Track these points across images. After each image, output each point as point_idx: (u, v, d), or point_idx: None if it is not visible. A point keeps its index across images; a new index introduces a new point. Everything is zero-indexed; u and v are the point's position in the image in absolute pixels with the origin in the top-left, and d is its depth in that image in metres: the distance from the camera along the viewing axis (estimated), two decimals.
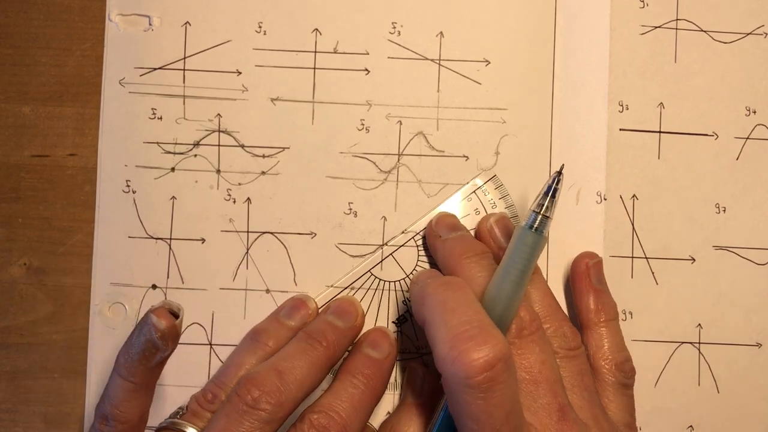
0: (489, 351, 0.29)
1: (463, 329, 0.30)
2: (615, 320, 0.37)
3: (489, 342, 0.29)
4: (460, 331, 0.30)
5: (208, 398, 0.34)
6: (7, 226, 0.39)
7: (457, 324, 0.30)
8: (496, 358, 0.29)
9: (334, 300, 0.38)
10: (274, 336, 0.36)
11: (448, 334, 0.30)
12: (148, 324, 0.32)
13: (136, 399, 0.33)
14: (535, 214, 0.34)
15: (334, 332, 0.35)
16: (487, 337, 0.29)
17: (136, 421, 0.34)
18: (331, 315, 0.37)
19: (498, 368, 0.29)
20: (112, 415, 0.33)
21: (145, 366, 0.33)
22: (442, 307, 0.31)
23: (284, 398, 0.33)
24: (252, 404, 0.32)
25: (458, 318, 0.30)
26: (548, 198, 0.34)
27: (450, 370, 0.29)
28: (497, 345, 0.29)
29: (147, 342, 0.32)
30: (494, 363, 0.29)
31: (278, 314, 0.38)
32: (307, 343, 0.35)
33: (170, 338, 0.32)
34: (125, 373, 0.33)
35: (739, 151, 0.40)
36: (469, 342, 0.29)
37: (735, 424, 0.39)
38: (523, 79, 0.39)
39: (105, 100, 0.39)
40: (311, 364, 0.34)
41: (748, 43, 0.40)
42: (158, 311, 0.32)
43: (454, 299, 0.32)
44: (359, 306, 0.38)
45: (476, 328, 0.30)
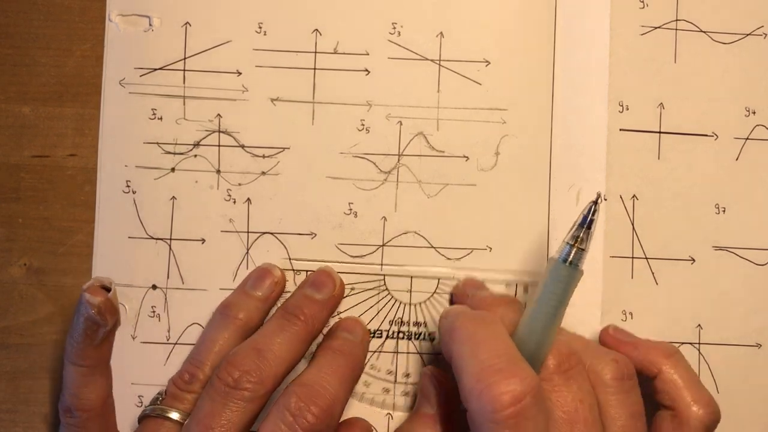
0: (517, 385, 0.28)
1: (492, 362, 0.29)
2: (678, 354, 0.36)
3: (517, 375, 0.28)
4: (488, 365, 0.29)
5: (185, 379, 0.35)
6: (7, 226, 0.39)
7: (486, 357, 0.29)
8: (524, 392, 0.28)
9: (311, 273, 0.38)
10: (244, 308, 0.36)
11: (476, 367, 0.29)
12: (83, 303, 0.33)
13: (92, 383, 0.34)
14: (569, 246, 0.32)
15: (311, 305, 0.36)
16: (515, 370, 0.28)
17: (98, 407, 0.34)
18: (308, 288, 0.37)
19: (526, 403, 0.28)
20: (72, 405, 0.34)
21: (90, 345, 0.34)
22: (470, 340, 0.30)
23: (264, 375, 0.33)
24: (233, 385, 0.32)
25: (487, 351, 0.29)
26: (583, 229, 0.32)
27: (476, 405, 0.28)
28: (526, 378, 0.28)
29: (86, 321, 0.33)
30: (522, 397, 0.28)
31: (244, 286, 0.38)
32: (285, 319, 0.35)
33: (107, 312, 0.33)
34: (74, 358, 0.34)
35: (739, 152, 0.40)
36: (497, 375, 0.28)
37: (735, 425, 0.39)
38: (523, 79, 0.39)
39: (105, 101, 0.39)
40: (290, 339, 0.34)
41: (748, 44, 0.40)
42: (90, 288, 0.33)
43: (484, 333, 0.31)
44: (336, 276, 0.38)
45: (505, 361, 0.29)
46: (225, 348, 0.35)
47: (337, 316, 0.38)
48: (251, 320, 0.36)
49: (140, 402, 0.38)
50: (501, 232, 0.39)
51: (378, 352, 0.39)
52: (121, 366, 0.38)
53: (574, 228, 0.32)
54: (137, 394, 0.38)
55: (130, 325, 0.38)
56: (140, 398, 0.38)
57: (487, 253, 0.39)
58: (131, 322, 0.38)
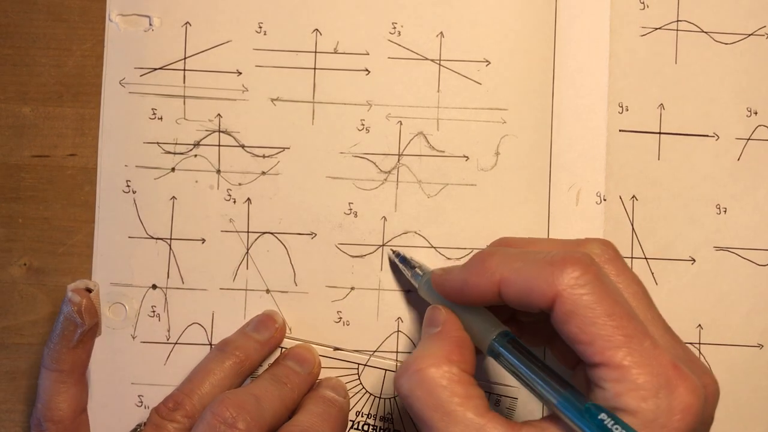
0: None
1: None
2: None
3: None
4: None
5: (169, 406, 0.34)
6: (7, 226, 0.39)
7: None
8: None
9: (294, 347, 0.38)
10: (242, 347, 0.37)
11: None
12: (65, 302, 0.33)
13: (65, 392, 0.34)
14: (414, 270, 0.37)
15: (296, 377, 0.36)
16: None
17: (69, 419, 0.34)
18: (291, 361, 0.37)
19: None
20: (43, 416, 0.34)
21: (66, 347, 0.34)
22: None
23: (262, 421, 0.33)
24: (231, 422, 0.32)
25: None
26: (409, 268, 0.37)
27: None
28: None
29: (65, 321, 0.34)
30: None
31: (245, 328, 0.38)
32: (277, 381, 0.36)
33: (86, 312, 0.33)
34: (49, 361, 0.34)
35: (740, 152, 0.40)
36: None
37: (735, 425, 0.39)
38: (523, 79, 0.39)
39: (105, 101, 0.39)
40: (282, 398, 0.35)
41: (749, 44, 0.40)
42: (75, 289, 0.34)
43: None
44: (317, 354, 0.38)
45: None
46: (218, 380, 0.35)
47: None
48: (248, 359, 0.37)
49: (140, 402, 0.38)
50: (501, 232, 0.39)
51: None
52: (121, 366, 0.38)
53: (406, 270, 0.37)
54: (137, 393, 0.38)
55: (130, 325, 0.38)
56: (140, 398, 0.38)
57: None
58: (131, 322, 0.38)
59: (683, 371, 0.27)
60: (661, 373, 0.27)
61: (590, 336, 0.28)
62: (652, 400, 0.27)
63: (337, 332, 0.39)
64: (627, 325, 0.28)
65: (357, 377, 0.39)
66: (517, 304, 0.30)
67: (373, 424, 0.38)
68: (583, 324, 0.28)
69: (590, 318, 0.28)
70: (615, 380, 0.27)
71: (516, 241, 0.35)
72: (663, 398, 0.27)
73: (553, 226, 0.39)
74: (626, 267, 0.32)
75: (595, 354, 0.28)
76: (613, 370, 0.27)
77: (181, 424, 0.34)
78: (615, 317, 0.28)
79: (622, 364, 0.27)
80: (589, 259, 0.29)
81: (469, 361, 0.31)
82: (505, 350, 0.31)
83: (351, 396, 0.38)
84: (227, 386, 0.36)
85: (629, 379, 0.27)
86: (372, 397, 0.38)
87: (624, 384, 0.27)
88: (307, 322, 0.39)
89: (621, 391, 0.27)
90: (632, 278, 0.31)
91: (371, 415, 0.38)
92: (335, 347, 0.39)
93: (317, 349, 0.38)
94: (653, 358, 0.27)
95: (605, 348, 0.27)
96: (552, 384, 0.29)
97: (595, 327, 0.28)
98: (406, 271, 0.37)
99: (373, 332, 0.39)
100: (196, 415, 0.34)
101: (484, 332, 0.32)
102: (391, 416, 0.38)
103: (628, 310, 0.28)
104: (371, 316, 0.39)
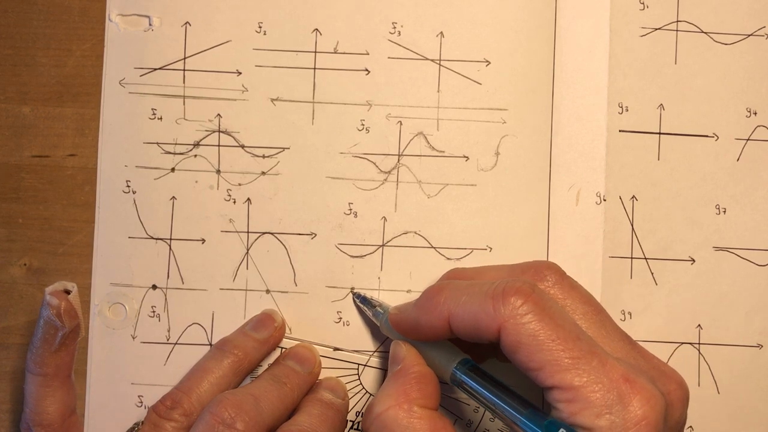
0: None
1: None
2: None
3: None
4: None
5: (167, 405, 0.34)
6: (7, 226, 0.39)
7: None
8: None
9: (295, 347, 0.38)
10: (241, 346, 0.37)
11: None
12: (44, 305, 0.33)
13: (51, 396, 0.34)
14: (380, 313, 0.37)
15: (297, 376, 0.36)
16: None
17: (58, 423, 0.34)
18: (291, 361, 0.37)
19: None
20: (32, 420, 0.34)
21: (49, 351, 0.34)
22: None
23: (260, 421, 0.33)
24: (229, 422, 0.32)
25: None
26: (369, 307, 0.38)
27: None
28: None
29: (45, 324, 0.33)
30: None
31: (244, 328, 0.38)
32: (276, 381, 0.35)
33: (65, 314, 0.33)
34: (33, 366, 0.34)
35: (740, 153, 0.40)
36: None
37: (735, 425, 0.39)
38: (523, 79, 0.39)
39: (105, 101, 0.39)
40: (281, 398, 0.35)
41: (749, 45, 0.40)
42: (53, 291, 0.34)
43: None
44: (317, 354, 0.38)
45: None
46: (216, 379, 0.35)
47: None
48: (247, 358, 0.37)
49: (140, 402, 0.38)
50: (501, 232, 0.39)
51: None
52: (121, 366, 0.38)
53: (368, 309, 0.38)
54: (137, 394, 0.38)
55: (130, 325, 0.38)
56: (140, 398, 0.38)
57: (487, 253, 0.39)
58: (131, 323, 0.38)
59: (637, 383, 0.28)
60: (612, 389, 0.28)
61: (538, 362, 0.28)
62: (606, 416, 0.27)
63: (337, 332, 0.39)
64: (573, 347, 0.28)
65: (357, 377, 0.39)
66: (467, 337, 0.31)
67: None
68: (530, 352, 0.29)
69: (535, 345, 0.28)
70: (568, 401, 0.28)
71: (465, 272, 0.36)
72: (617, 413, 0.27)
73: (553, 226, 0.39)
74: (574, 287, 0.32)
75: (546, 378, 0.28)
76: (565, 391, 0.28)
77: (179, 423, 0.34)
78: (560, 341, 0.28)
79: (573, 385, 0.28)
80: (529, 288, 0.30)
81: (431, 395, 0.32)
82: (467, 378, 0.32)
83: (351, 396, 0.38)
84: (226, 385, 0.36)
85: (581, 398, 0.28)
86: (372, 398, 0.38)
87: (577, 404, 0.28)
88: (307, 322, 0.39)
89: (575, 411, 0.28)
90: (581, 298, 0.32)
91: None
92: (335, 347, 0.39)
93: (317, 350, 0.38)
94: (603, 375, 0.28)
95: (554, 372, 0.28)
96: (512, 405, 0.30)
97: (541, 353, 0.28)
98: (368, 310, 0.38)
99: (374, 332, 0.39)
100: (194, 414, 0.34)
101: (444, 363, 0.33)
102: None
103: (573, 332, 0.29)
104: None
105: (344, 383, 0.38)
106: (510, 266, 0.34)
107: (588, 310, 0.32)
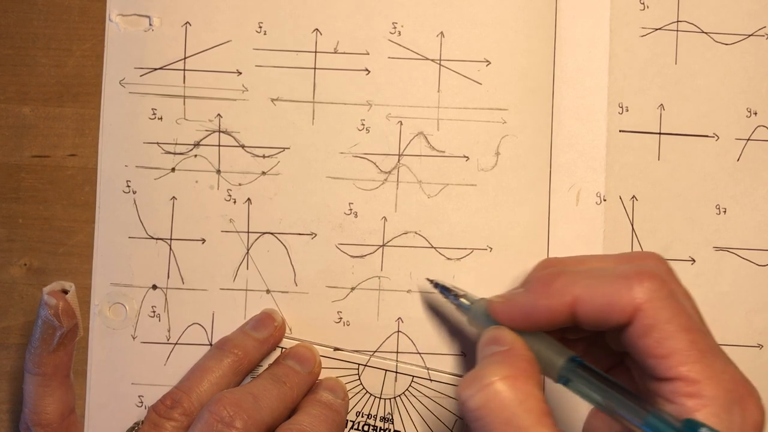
0: None
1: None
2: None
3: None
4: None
5: (167, 404, 0.34)
6: (7, 226, 0.39)
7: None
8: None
9: (295, 347, 0.38)
10: (241, 345, 0.37)
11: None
12: (42, 305, 0.33)
13: (49, 396, 0.34)
14: (466, 305, 0.35)
15: (296, 376, 0.36)
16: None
17: (57, 423, 0.34)
18: (291, 360, 0.37)
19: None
20: (31, 420, 0.34)
21: (47, 350, 0.34)
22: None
23: (259, 420, 0.33)
24: (228, 421, 0.32)
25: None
26: (452, 297, 0.36)
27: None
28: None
29: (44, 324, 0.34)
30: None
31: (244, 327, 0.38)
32: (276, 380, 0.35)
33: (63, 314, 0.33)
34: (31, 366, 0.34)
35: (740, 153, 0.40)
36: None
37: None
38: (523, 79, 0.39)
39: (105, 101, 0.39)
40: (281, 398, 0.35)
41: (749, 45, 0.40)
42: (51, 291, 0.34)
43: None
44: (317, 354, 0.38)
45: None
46: (216, 378, 0.35)
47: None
48: (247, 358, 0.36)
49: (140, 402, 0.38)
50: (501, 232, 0.39)
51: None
52: (122, 366, 0.38)
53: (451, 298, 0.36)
54: (137, 394, 0.38)
55: (130, 325, 0.38)
56: (140, 398, 0.38)
57: (487, 253, 0.39)
58: (131, 323, 0.38)
59: (750, 387, 0.28)
60: (734, 389, 0.27)
61: (667, 350, 0.28)
62: (726, 416, 0.27)
63: (337, 332, 0.39)
64: (701, 340, 0.28)
65: (357, 377, 0.39)
66: (593, 322, 0.30)
67: (373, 424, 0.38)
68: (662, 338, 0.28)
69: (669, 331, 0.28)
70: (689, 395, 0.27)
71: (564, 261, 0.35)
72: (737, 414, 0.27)
73: (553, 226, 0.39)
74: (680, 282, 0.32)
75: (670, 368, 0.27)
76: (688, 384, 0.27)
77: (179, 423, 0.34)
78: (691, 332, 0.28)
79: (697, 379, 0.27)
80: (665, 271, 0.29)
81: (540, 381, 0.30)
82: (577, 376, 0.30)
83: (351, 396, 0.38)
84: (225, 384, 0.36)
85: (704, 394, 0.27)
86: (372, 398, 0.38)
87: (698, 399, 0.27)
88: (307, 322, 0.39)
89: (695, 406, 0.27)
90: (688, 293, 0.31)
91: (371, 415, 0.38)
92: (335, 347, 0.39)
93: (317, 349, 0.38)
94: (727, 374, 0.27)
95: (681, 362, 0.27)
96: (634, 407, 0.28)
97: (673, 341, 0.28)
98: (451, 300, 0.36)
99: (374, 332, 0.39)
100: (194, 414, 0.34)
101: (552, 358, 0.31)
102: (391, 416, 0.39)
103: (700, 326, 0.28)
104: (371, 316, 0.39)
105: (344, 383, 0.38)
106: (615, 255, 0.33)
107: (695, 306, 0.31)
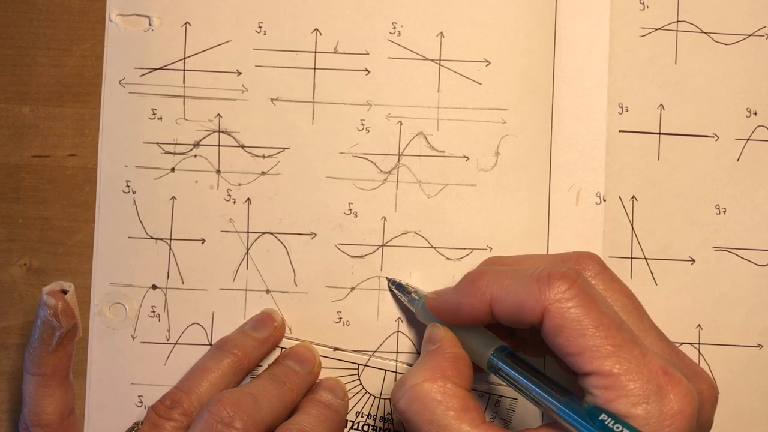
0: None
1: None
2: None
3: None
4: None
5: (166, 404, 0.34)
6: (7, 226, 0.39)
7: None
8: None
9: (294, 347, 0.38)
10: (240, 346, 0.37)
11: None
12: (41, 305, 0.33)
13: (49, 396, 0.34)
14: (415, 300, 0.37)
15: (296, 376, 0.36)
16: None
17: (56, 423, 0.34)
18: (290, 360, 0.37)
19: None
20: (30, 421, 0.34)
21: (46, 351, 0.34)
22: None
23: (259, 420, 0.33)
24: (228, 421, 0.32)
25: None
26: (405, 294, 0.38)
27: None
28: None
29: (43, 324, 0.34)
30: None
31: (244, 327, 0.38)
32: (276, 380, 0.35)
33: (63, 314, 0.33)
34: (30, 366, 0.34)
35: (740, 153, 0.40)
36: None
37: (735, 425, 0.39)
38: (523, 79, 0.39)
39: (105, 101, 0.39)
40: (280, 398, 0.35)
41: (749, 45, 0.40)
42: (50, 291, 0.34)
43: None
44: (317, 354, 0.38)
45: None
46: (215, 378, 0.35)
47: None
48: (246, 358, 0.36)
49: (140, 402, 0.38)
50: (501, 232, 0.39)
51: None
52: (121, 366, 0.38)
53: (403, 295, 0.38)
54: (137, 394, 0.38)
55: (130, 325, 0.38)
56: (140, 398, 0.38)
57: (487, 253, 0.39)
58: (131, 323, 0.38)
59: (675, 377, 0.28)
60: (651, 380, 0.28)
61: (579, 347, 0.28)
62: (643, 406, 0.27)
63: (337, 332, 0.39)
64: (615, 335, 0.28)
65: (357, 377, 0.39)
66: (509, 321, 0.31)
67: (373, 424, 0.38)
68: (572, 336, 0.29)
69: (578, 330, 0.29)
70: (605, 387, 0.28)
71: (506, 260, 0.36)
72: (653, 404, 0.27)
73: (553, 226, 0.39)
74: (614, 280, 0.33)
75: (585, 364, 0.28)
76: (604, 378, 0.28)
77: (179, 423, 0.34)
78: (602, 328, 0.28)
79: (611, 372, 0.28)
80: (574, 273, 0.30)
81: (465, 376, 0.32)
82: (504, 364, 0.32)
83: (351, 396, 0.38)
84: (225, 385, 0.36)
85: (619, 386, 0.28)
86: (372, 398, 0.38)
87: (614, 391, 0.28)
88: (307, 322, 0.39)
89: (611, 398, 0.28)
90: (621, 290, 0.32)
91: (371, 415, 0.38)
92: (335, 347, 0.39)
93: (317, 350, 0.38)
94: (643, 365, 0.28)
95: (594, 358, 0.28)
96: (551, 392, 0.30)
97: (583, 338, 0.28)
98: (403, 297, 0.38)
99: (373, 332, 0.39)
100: (193, 414, 0.34)
101: (482, 349, 0.33)
102: (391, 416, 0.39)
103: (615, 321, 0.29)
104: (371, 316, 0.39)
105: (344, 383, 0.38)
106: (551, 255, 0.35)
107: (627, 303, 0.32)
